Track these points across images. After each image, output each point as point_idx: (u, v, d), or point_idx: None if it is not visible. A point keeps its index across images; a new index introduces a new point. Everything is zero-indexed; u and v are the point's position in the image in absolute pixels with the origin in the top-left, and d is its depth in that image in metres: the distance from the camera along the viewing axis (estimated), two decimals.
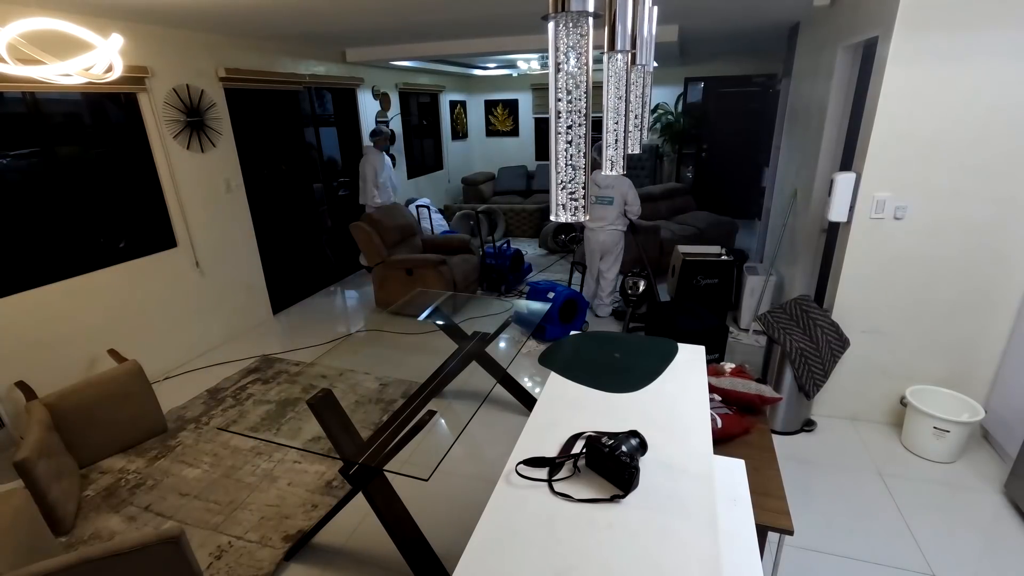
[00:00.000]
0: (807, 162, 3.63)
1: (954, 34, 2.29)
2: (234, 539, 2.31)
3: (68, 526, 2.35)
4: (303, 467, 2.75)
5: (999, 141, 2.38)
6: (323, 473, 2.70)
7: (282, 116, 4.88)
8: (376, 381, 3.56)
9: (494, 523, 1.12)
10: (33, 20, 1.73)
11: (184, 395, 3.49)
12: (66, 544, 2.29)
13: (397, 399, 3.35)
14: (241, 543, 2.28)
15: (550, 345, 1.97)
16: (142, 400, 2.96)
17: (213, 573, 2.14)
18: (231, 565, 2.17)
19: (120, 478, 2.70)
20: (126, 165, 3.52)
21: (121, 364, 2.98)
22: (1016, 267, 2.52)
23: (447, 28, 4.16)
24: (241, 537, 2.31)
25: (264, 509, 2.47)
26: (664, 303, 3.66)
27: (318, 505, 2.48)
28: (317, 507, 2.47)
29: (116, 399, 2.85)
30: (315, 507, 2.47)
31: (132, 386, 2.92)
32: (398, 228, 4.85)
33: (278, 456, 2.85)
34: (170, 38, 3.61)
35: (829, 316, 2.81)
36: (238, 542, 2.29)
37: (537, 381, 3.53)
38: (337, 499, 2.51)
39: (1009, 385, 2.59)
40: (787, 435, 2.86)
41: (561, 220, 0.76)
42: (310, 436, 2.89)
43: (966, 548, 2.14)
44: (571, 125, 0.70)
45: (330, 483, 2.63)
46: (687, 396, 1.58)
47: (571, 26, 0.65)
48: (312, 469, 2.73)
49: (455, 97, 8.46)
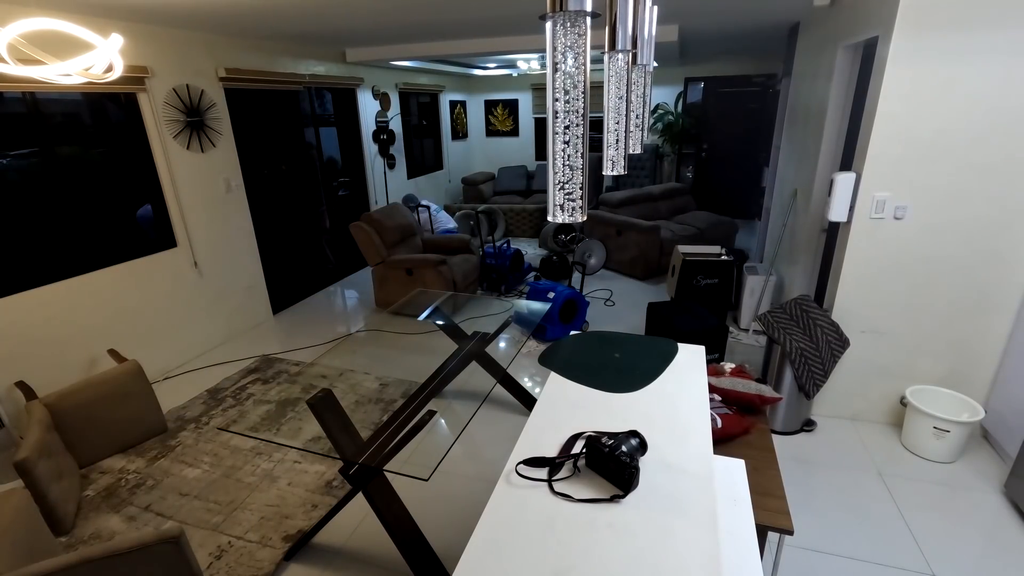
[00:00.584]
0: (807, 162, 3.63)
1: (954, 34, 2.29)
2: (234, 539, 2.30)
3: (68, 526, 2.35)
4: (303, 467, 2.75)
5: (999, 141, 2.38)
6: (323, 473, 2.70)
7: (282, 116, 4.89)
8: (376, 381, 3.56)
9: (494, 523, 1.12)
10: (33, 20, 1.74)
11: (184, 395, 3.49)
12: (66, 544, 2.29)
13: (397, 399, 3.34)
14: (241, 543, 2.28)
15: (550, 345, 1.97)
16: (142, 400, 2.96)
17: (213, 573, 2.14)
18: (231, 565, 2.17)
19: (120, 478, 2.70)
20: (126, 165, 3.52)
21: (121, 364, 2.98)
22: (1016, 267, 2.52)
23: (447, 28, 4.16)
24: (241, 537, 2.31)
25: (264, 509, 2.47)
26: (663, 303, 3.66)
27: (318, 505, 2.48)
28: (317, 507, 2.47)
29: (116, 399, 2.85)
30: (315, 507, 2.47)
31: (132, 386, 2.92)
32: (398, 228, 4.85)
33: (278, 456, 2.85)
34: (170, 38, 3.62)
35: (829, 316, 2.81)
36: (238, 542, 2.29)
37: (537, 381, 3.53)
38: (337, 499, 2.51)
39: (1009, 385, 2.59)
40: (787, 435, 2.86)
41: (559, 220, 0.76)
42: (310, 436, 2.90)
43: (966, 548, 2.14)
44: (568, 125, 0.70)
45: (330, 483, 2.63)
46: (687, 396, 1.58)
47: (569, 26, 0.65)
48: (312, 469, 2.73)
49: (455, 97, 8.46)
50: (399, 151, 6.72)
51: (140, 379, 2.97)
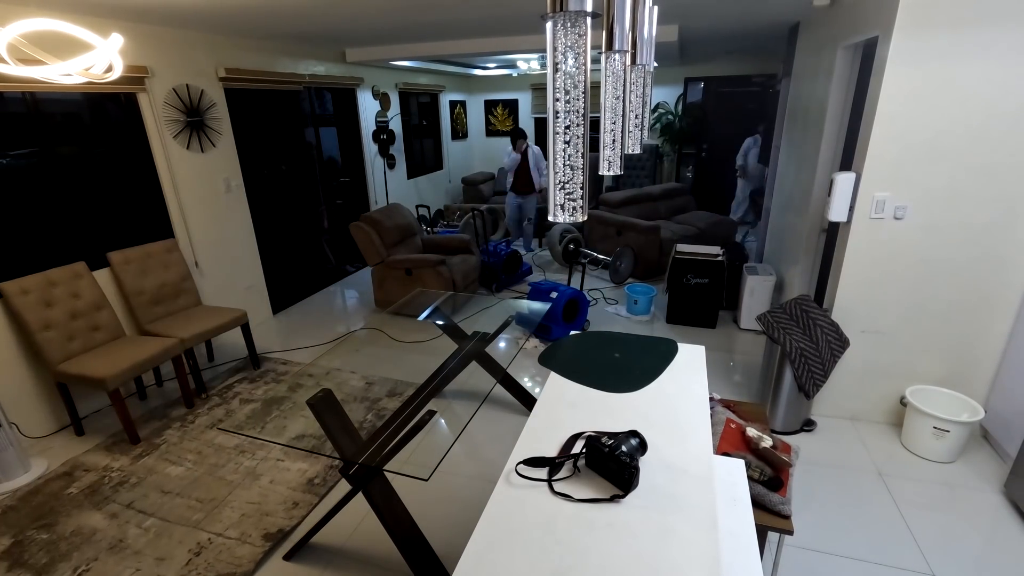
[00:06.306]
0: (807, 162, 3.63)
1: (954, 34, 2.29)
2: (214, 536, 2.31)
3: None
4: (286, 465, 2.77)
5: (999, 141, 2.38)
6: (305, 471, 2.71)
7: (282, 116, 4.88)
8: (362, 380, 3.59)
9: (494, 523, 1.12)
10: (33, 20, 1.74)
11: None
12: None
13: (383, 397, 3.36)
14: (221, 540, 2.29)
15: (550, 345, 1.97)
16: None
17: (192, 569, 2.15)
18: (210, 562, 2.18)
19: (104, 476, 2.70)
20: (126, 165, 3.52)
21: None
22: (1016, 267, 2.52)
23: (447, 28, 4.16)
24: (221, 534, 2.32)
25: (245, 507, 2.48)
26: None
27: (299, 503, 2.49)
28: (299, 505, 2.48)
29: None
30: (296, 505, 2.48)
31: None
32: (397, 228, 4.85)
33: (261, 454, 2.86)
34: (170, 38, 3.61)
35: (829, 316, 2.81)
36: (218, 539, 2.30)
37: (537, 381, 3.53)
38: (319, 497, 2.53)
39: (1009, 385, 2.59)
40: (787, 435, 2.85)
41: (560, 220, 0.76)
42: (295, 434, 2.92)
43: (966, 548, 2.14)
44: (569, 125, 0.70)
45: (311, 480, 2.64)
46: (687, 396, 1.58)
47: (569, 26, 0.65)
48: (295, 467, 2.75)
49: (455, 97, 8.45)
50: (399, 151, 6.72)
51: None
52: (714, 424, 1.98)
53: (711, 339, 4.05)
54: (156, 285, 3.51)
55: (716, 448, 1.87)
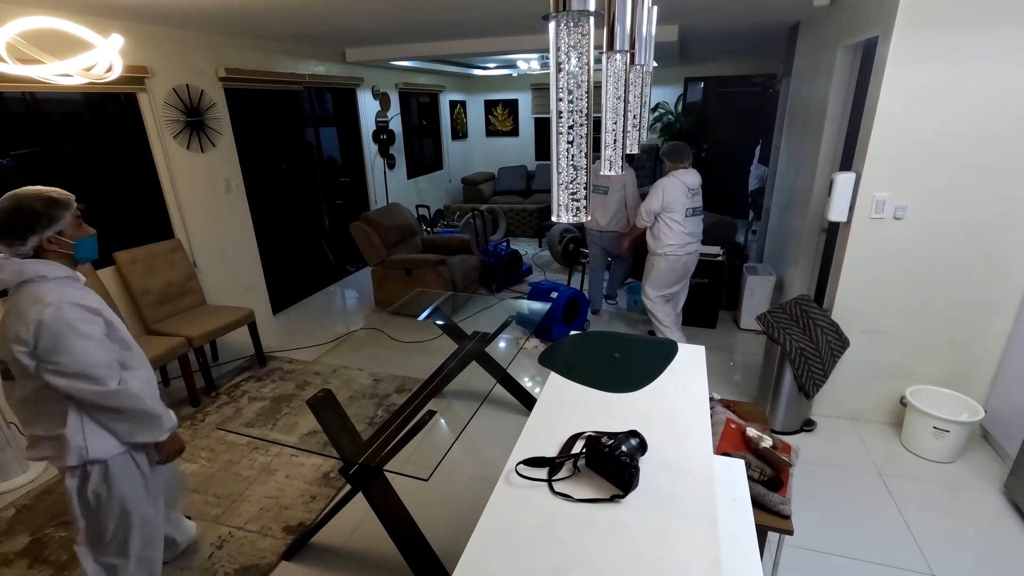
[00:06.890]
0: (807, 162, 3.64)
1: (954, 34, 2.29)
2: (235, 529, 2.33)
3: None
4: (300, 460, 2.79)
5: (999, 141, 2.38)
6: (320, 466, 2.74)
7: (282, 116, 4.88)
8: (370, 377, 3.60)
9: (494, 523, 1.12)
10: (33, 19, 1.73)
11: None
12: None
13: (391, 393, 3.39)
14: (242, 533, 2.31)
15: (550, 345, 1.97)
16: None
17: (215, 562, 2.16)
18: (232, 554, 2.20)
19: None
20: (126, 165, 3.52)
21: None
22: (1016, 267, 2.52)
23: (447, 28, 4.16)
24: (242, 528, 2.34)
25: (263, 501, 2.50)
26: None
27: (316, 496, 2.52)
28: (316, 498, 2.51)
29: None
30: (314, 498, 2.51)
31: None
32: (397, 228, 4.85)
33: (275, 450, 2.87)
34: (170, 38, 3.61)
35: (829, 316, 2.81)
36: (239, 532, 2.32)
37: (537, 381, 3.53)
38: (335, 490, 2.55)
39: (1009, 385, 2.59)
40: (787, 435, 2.86)
41: (563, 221, 0.76)
42: (306, 431, 2.93)
43: (966, 548, 2.14)
44: (572, 125, 0.70)
45: (327, 475, 2.67)
46: (687, 396, 1.58)
47: (572, 25, 0.65)
48: (309, 462, 2.77)
49: (455, 97, 8.45)
50: (399, 151, 6.71)
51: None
52: (714, 424, 1.98)
53: (711, 339, 4.06)
54: (162, 284, 3.51)
55: (716, 448, 1.87)
